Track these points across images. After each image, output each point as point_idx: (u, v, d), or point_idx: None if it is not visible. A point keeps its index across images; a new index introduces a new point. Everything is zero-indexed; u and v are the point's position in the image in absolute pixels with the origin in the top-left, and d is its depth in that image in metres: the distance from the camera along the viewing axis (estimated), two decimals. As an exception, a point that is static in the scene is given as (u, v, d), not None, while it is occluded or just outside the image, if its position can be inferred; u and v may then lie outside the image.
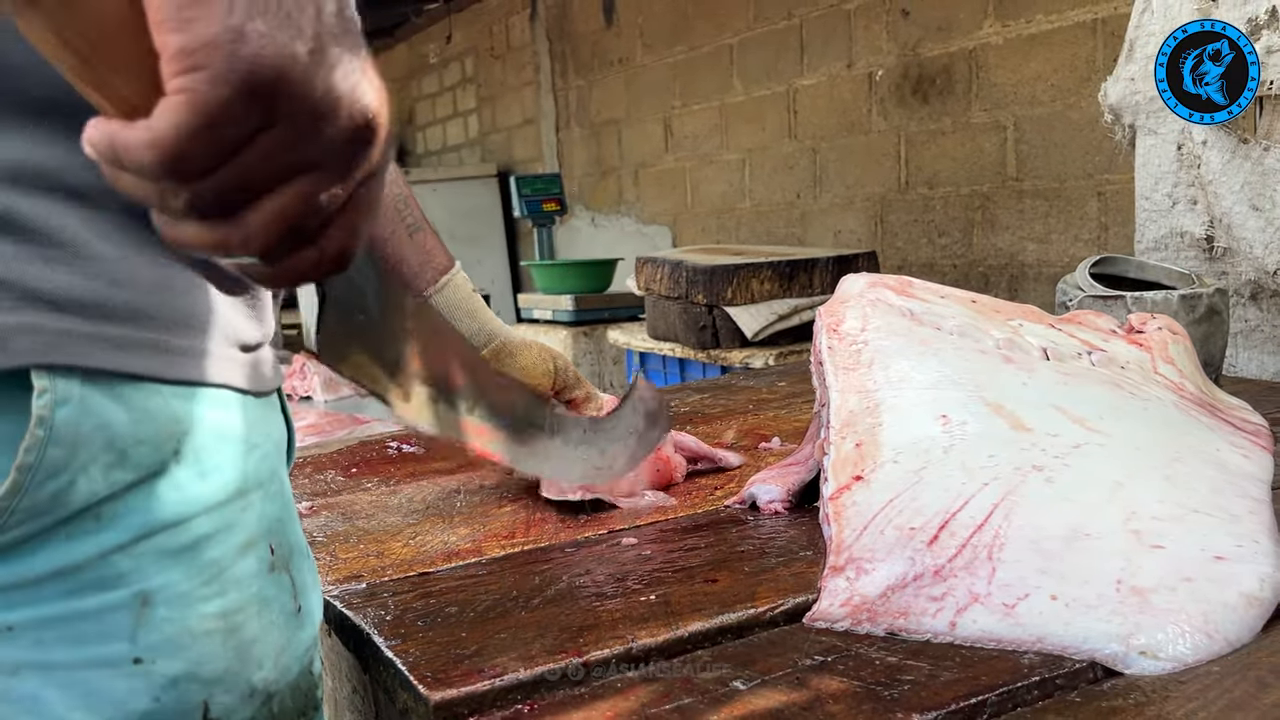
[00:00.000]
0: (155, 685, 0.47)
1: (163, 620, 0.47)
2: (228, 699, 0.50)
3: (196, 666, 0.48)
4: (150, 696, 0.47)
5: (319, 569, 0.80)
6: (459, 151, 6.34)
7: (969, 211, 2.92)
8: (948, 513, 0.72)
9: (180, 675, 0.48)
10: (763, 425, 1.20)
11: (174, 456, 0.48)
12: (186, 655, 0.48)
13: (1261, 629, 0.60)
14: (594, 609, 0.68)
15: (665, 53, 4.17)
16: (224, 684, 0.50)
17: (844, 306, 0.95)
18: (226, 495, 0.51)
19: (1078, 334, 1.00)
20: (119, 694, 0.47)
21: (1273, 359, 1.41)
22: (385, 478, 1.09)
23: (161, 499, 0.48)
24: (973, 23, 2.81)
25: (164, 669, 0.47)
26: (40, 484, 0.44)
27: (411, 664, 0.61)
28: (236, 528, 0.51)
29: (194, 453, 0.49)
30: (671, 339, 2.58)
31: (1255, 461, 0.86)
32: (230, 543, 0.51)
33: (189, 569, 0.48)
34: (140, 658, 0.47)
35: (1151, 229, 1.54)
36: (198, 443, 0.49)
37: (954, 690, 0.55)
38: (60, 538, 0.45)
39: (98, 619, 0.46)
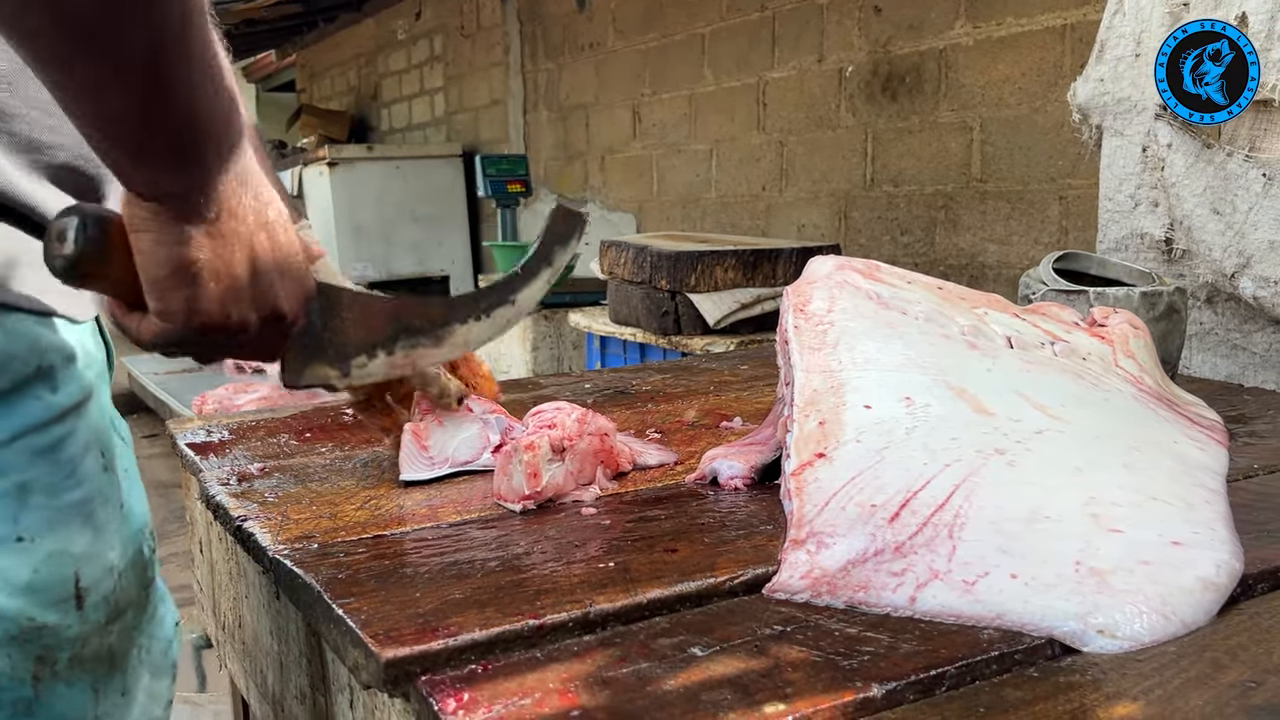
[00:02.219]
0: (35, 559, 0.58)
1: (38, 506, 0.59)
2: (91, 572, 0.61)
3: (66, 544, 0.60)
4: (30, 569, 0.58)
5: (270, 528, 0.78)
6: (424, 130, 6.28)
7: (932, 210, 2.94)
8: (909, 491, 0.72)
9: (54, 551, 0.59)
10: (724, 405, 1.19)
11: (36, 372, 0.60)
12: (57, 535, 0.59)
13: (1217, 614, 0.61)
14: (552, 574, 0.67)
15: (637, 39, 4.16)
16: (87, 559, 0.61)
17: (811, 287, 0.95)
18: (72, 403, 0.62)
19: (1041, 324, 1.00)
20: (6, 567, 0.57)
21: (1225, 361, 1.44)
22: (340, 443, 1.07)
23: (29, 406, 0.59)
24: (944, 22, 2.83)
25: (41, 546, 0.58)
26: None
27: (363, 622, 0.60)
28: (79, 432, 0.63)
29: (49, 369, 0.61)
30: (633, 324, 2.57)
31: (1211, 455, 0.87)
32: (77, 444, 0.62)
33: (53, 465, 0.60)
34: (21, 536, 0.58)
35: (1114, 229, 1.56)
36: (51, 360, 0.61)
37: (913, 662, 0.55)
38: None
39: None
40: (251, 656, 0.92)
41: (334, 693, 0.72)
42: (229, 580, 0.95)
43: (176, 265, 0.55)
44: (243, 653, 0.95)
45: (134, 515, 0.69)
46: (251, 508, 0.84)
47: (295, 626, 0.78)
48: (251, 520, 0.81)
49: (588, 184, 4.64)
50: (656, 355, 2.50)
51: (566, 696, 0.52)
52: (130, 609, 0.65)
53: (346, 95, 7.40)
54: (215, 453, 1.04)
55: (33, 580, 0.58)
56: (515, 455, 0.83)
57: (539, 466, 0.82)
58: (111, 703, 0.64)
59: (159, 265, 0.55)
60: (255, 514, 0.83)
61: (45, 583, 0.58)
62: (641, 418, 1.14)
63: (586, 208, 0.90)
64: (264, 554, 0.75)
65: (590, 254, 3.16)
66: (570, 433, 0.85)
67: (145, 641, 0.67)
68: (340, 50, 7.37)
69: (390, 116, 6.75)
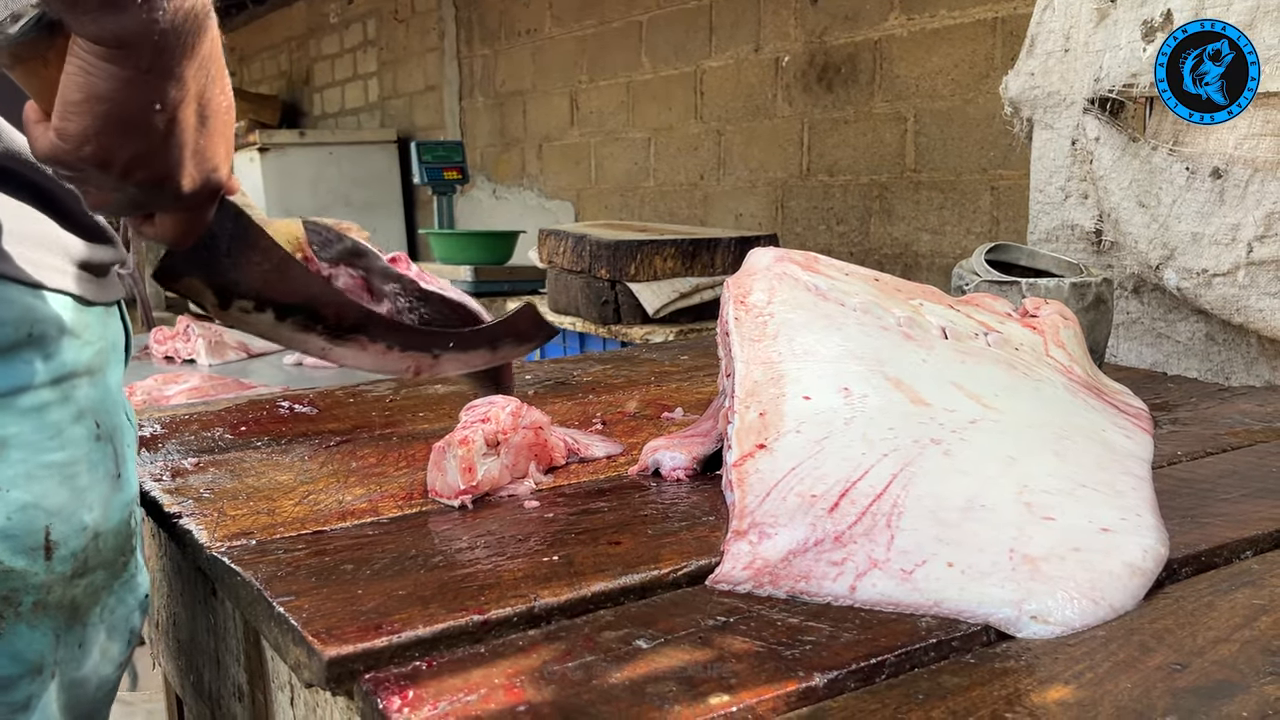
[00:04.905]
0: (9, 508, 0.62)
1: (17, 460, 0.63)
2: (64, 528, 0.65)
3: (40, 499, 0.64)
4: (4, 516, 0.62)
5: (207, 525, 0.77)
6: (358, 115, 6.18)
7: (867, 200, 2.97)
8: (848, 481, 0.73)
9: (28, 503, 0.63)
10: (665, 396, 1.20)
11: (26, 339, 0.64)
12: (32, 489, 0.63)
13: (1144, 597, 0.63)
14: (495, 568, 0.67)
15: (574, 26, 4.13)
16: (61, 516, 0.65)
17: (752, 279, 0.96)
18: (63, 374, 0.66)
19: (975, 315, 1.02)
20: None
21: (1150, 350, 1.48)
22: (276, 436, 1.05)
23: (17, 369, 0.63)
24: (879, 14, 2.86)
25: (16, 497, 0.62)
26: None
27: (305, 620, 0.59)
28: (70, 401, 0.66)
29: (40, 338, 0.65)
30: (573, 313, 2.57)
31: (1137, 442, 0.89)
32: (66, 411, 0.66)
33: (36, 425, 0.64)
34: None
35: (1044, 221, 1.59)
36: (43, 331, 0.65)
37: (854, 651, 0.56)
38: None
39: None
40: (186, 654, 0.90)
41: (273, 690, 0.71)
42: (162, 577, 0.93)
43: (90, 95, 0.57)
44: (177, 650, 0.93)
45: (129, 485, 0.73)
46: (186, 504, 0.83)
47: (232, 623, 0.77)
48: (187, 517, 0.79)
49: (525, 171, 4.62)
50: (596, 344, 2.50)
51: (512, 692, 0.52)
52: (102, 569, 0.69)
53: (278, 79, 7.25)
54: (147, 447, 1.02)
55: (6, 527, 0.62)
56: (449, 450, 0.82)
57: (473, 461, 0.82)
58: (69, 652, 0.68)
59: (76, 89, 0.57)
60: (190, 510, 0.81)
61: (15, 530, 0.63)
62: (584, 409, 1.15)
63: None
64: (201, 552, 0.74)
65: (528, 242, 3.14)
66: (504, 426, 0.85)
67: (111, 602, 0.71)
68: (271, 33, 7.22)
69: (323, 101, 6.63)
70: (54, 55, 0.59)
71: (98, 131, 0.58)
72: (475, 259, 3.45)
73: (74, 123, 0.58)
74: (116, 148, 0.59)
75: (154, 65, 0.58)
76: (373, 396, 1.24)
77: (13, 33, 0.58)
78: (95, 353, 0.70)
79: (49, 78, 0.60)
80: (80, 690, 0.70)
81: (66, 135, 0.59)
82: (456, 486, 0.81)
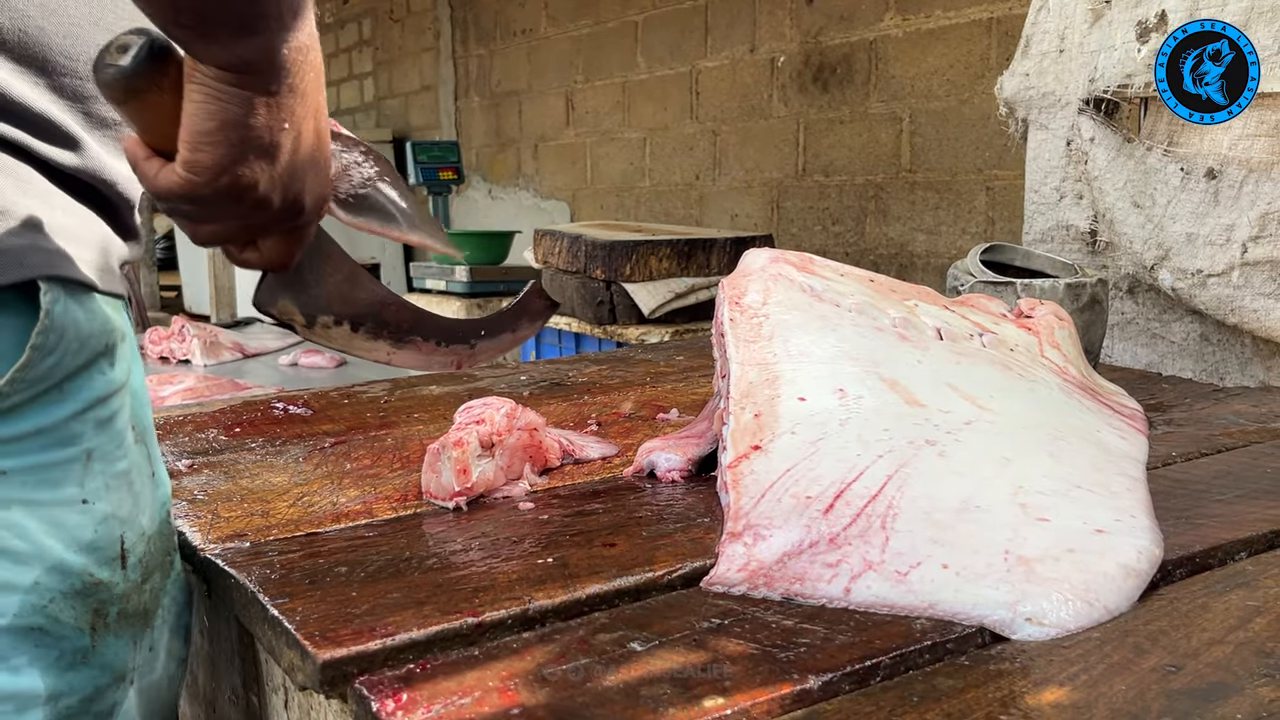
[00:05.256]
0: (95, 520, 0.63)
1: (98, 472, 0.63)
2: (132, 535, 0.66)
3: (116, 508, 0.64)
4: (92, 529, 0.63)
5: (200, 527, 0.77)
6: (353, 115, 6.18)
7: (863, 200, 2.98)
8: (843, 483, 0.73)
9: (109, 514, 0.64)
10: (661, 397, 1.20)
11: (103, 349, 0.64)
12: (110, 499, 0.64)
13: (1139, 599, 0.63)
14: (490, 570, 0.67)
15: (570, 26, 4.13)
16: (130, 524, 0.66)
17: (746, 280, 0.96)
18: (124, 379, 0.66)
19: (970, 316, 1.02)
20: (74, 525, 0.62)
21: (1145, 350, 1.48)
22: (270, 438, 1.05)
23: (96, 380, 0.63)
24: (874, 14, 2.86)
25: (100, 509, 0.63)
26: (41, 361, 0.59)
27: (299, 623, 0.59)
28: (126, 407, 0.67)
29: (112, 346, 0.65)
30: (568, 313, 2.57)
31: (1132, 443, 0.90)
32: (124, 418, 0.66)
33: (109, 435, 0.64)
34: (86, 499, 0.63)
35: (1039, 221, 1.59)
36: (113, 339, 0.65)
37: (849, 653, 0.56)
38: (41, 405, 0.60)
39: (63, 468, 0.61)
40: (181, 657, 0.90)
41: (268, 693, 0.71)
42: (157, 579, 0.93)
43: (224, 122, 0.55)
44: (172, 653, 0.93)
45: (162, 484, 0.72)
46: (180, 506, 0.83)
47: (227, 625, 0.77)
48: (180, 519, 0.79)
49: (521, 171, 4.61)
50: (591, 344, 2.50)
51: (507, 695, 0.52)
52: (157, 571, 0.69)
53: (273, 79, 7.25)
54: (141, 449, 1.02)
55: (94, 540, 0.63)
56: (444, 452, 0.82)
57: (468, 463, 0.81)
58: (143, 656, 0.69)
59: (208, 118, 0.55)
60: (184, 512, 0.81)
61: (101, 542, 0.63)
62: (579, 410, 1.14)
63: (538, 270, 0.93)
64: (194, 554, 0.74)
65: (524, 242, 3.14)
66: (499, 428, 0.85)
67: (167, 601, 0.72)
68: (266, 33, 7.21)
69: (318, 101, 6.63)
70: (169, 84, 0.56)
71: (234, 160, 0.56)
72: (471, 259, 3.45)
73: (207, 153, 0.55)
74: (252, 174, 0.57)
75: (284, 85, 0.56)
76: (367, 398, 1.23)
77: (125, 64, 0.55)
78: (132, 353, 0.70)
79: (164, 109, 0.56)
80: (155, 692, 0.70)
81: (200, 167, 0.56)
82: (451, 488, 0.81)
